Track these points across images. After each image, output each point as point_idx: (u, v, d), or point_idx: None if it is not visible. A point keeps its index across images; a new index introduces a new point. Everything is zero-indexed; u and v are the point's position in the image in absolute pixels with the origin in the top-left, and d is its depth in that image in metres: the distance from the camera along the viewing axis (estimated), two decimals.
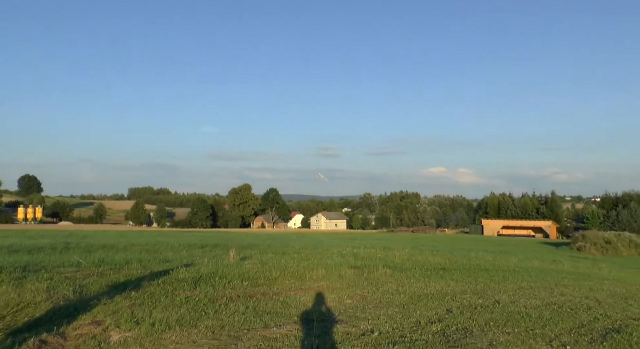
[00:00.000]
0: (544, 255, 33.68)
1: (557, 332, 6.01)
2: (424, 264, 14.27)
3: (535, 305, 7.98)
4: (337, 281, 9.79)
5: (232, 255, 13.06)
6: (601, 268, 26.10)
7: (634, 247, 47.35)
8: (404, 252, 19.34)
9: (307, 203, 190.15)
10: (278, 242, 26.01)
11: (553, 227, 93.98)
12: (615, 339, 5.76)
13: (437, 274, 11.77)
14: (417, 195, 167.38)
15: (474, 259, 19.29)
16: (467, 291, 9.15)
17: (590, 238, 48.28)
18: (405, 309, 7.02)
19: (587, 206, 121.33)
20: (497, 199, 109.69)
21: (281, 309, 6.75)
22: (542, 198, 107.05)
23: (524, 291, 9.82)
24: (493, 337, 5.52)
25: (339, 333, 5.41)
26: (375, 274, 10.97)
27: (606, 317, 7.37)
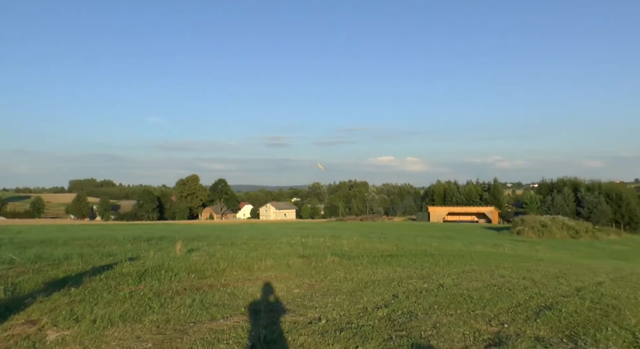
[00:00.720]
0: (487, 239, 35.18)
1: (496, 312, 6.31)
2: (371, 252, 14.55)
3: (477, 287, 8.33)
4: (286, 270, 9.82)
5: (179, 247, 12.82)
6: (538, 249, 27.60)
7: (566, 229, 50.27)
8: (352, 240, 19.64)
9: (256, 194, 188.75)
10: (226, 234, 25.73)
11: (495, 213, 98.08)
12: (547, 316, 6.12)
13: (384, 261, 12.04)
14: (366, 184, 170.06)
15: (421, 245, 19.86)
16: (413, 276, 9.42)
17: (528, 222, 50.84)
18: (352, 296, 7.15)
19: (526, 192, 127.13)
20: (443, 187, 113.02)
21: (229, 300, 6.70)
22: (485, 185, 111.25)
23: (467, 274, 10.22)
24: (437, 319, 5.72)
25: (286, 323, 5.44)
26: (323, 262, 11.08)
27: (540, 296, 7.80)
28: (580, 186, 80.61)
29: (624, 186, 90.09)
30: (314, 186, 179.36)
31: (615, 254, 34.61)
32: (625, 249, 41.91)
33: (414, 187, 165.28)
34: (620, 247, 44.05)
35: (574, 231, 50.99)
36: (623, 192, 78.15)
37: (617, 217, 72.72)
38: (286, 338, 4.82)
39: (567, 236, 49.34)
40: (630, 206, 74.49)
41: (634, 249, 44.42)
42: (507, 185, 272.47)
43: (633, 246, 48.65)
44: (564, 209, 73.54)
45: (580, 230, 51.65)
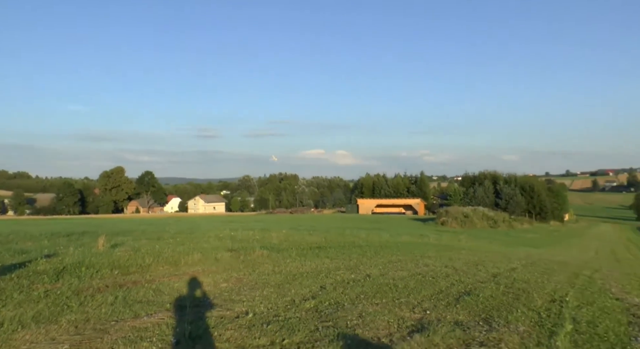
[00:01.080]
0: (413, 230, 36.50)
1: (420, 299, 6.59)
2: (300, 244, 14.66)
3: (403, 276, 8.65)
4: (214, 264, 9.68)
5: (102, 242, 12.23)
6: (460, 239, 29.02)
7: (486, 220, 53.28)
8: (282, 233, 19.68)
9: (184, 186, 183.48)
10: (153, 228, 24.89)
11: (421, 205, 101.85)
12: (466, 301, 6.48)
13: (312, 253, 12.17)
14: (296, 177, 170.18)
15: (349, 236, 20.26)
16: (340, 268, 9.60)
17: (452, 213, 53.32)
18: (280, 289, 7.18)
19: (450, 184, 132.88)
20: (372, 180, 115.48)
21: (153, 297, 6.50)
22: (412, 178, 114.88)
23: (393, 264, 10.58)
24: (363, 309, 5.88)
25: (212, 317, 5.37)
26: (252, 256, 11.03)
27: (460, 282, 8.23)
28: (499, 179, 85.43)
29: (536, 179, 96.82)
30: (244, 178, 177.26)
31: (527, 242, 37.15)
32: (536, 237, 45.10)
33: (344, 180, 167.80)
34: (532, 235, 47.33)
35: (492, 221, 54.14)
36: (535, 184, 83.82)
37: (530, 208, 77.92)
38: (212, 333, 4.75)
39: (487, 225, 52.31)
40: (541, 198, 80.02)
41: (543, 237, 47.90)
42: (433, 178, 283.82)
43: (542, 234, 52.45)
44: (484, 201, 77.64)
45: (498, 220, 54.95)
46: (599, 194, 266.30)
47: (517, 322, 5.50)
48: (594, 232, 70.42)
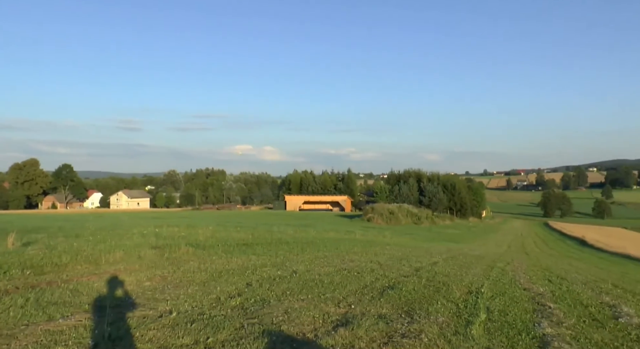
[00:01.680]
0: (340, 227, 37.11)
1: (345, 294, 6.73)
2: (227, 241, 14.48)
3: (329, 272, 8.78)
4: (137, 262, 9.33)
5: (11, 241, 11.38)
6: (385, 235, 29.90)
7: (410, 216, 55.26)
8: (208, 229, 19.31)
9: (106, 181, 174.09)
10: (71, 224, 23.50)
11: (348, 202, 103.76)
12: (390, 295, 6.71)
13: (239, 250, 12.07)
14: (223, 172, 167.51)
15: (276, 233, 20.26)
16: (267, 264, 9.59)
17: (377, 210, 54.75)
18: (206, 286, 7.05)
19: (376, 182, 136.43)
20: (300, 177, 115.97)
21: (70, 298, 6.15)
22: (339, 175, 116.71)
23: (320, 260, 10.72)
24: (288, 305, 5.91)
25: (134, 318, 5.18)
26: (177, 253, 10.75)
27: (385, 277, 8.50)
28: (423, 177, 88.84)
29: (457, 178, 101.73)
30: (170, 173, 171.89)
31: (448, 237, 38.97)
32: (456, 233, 47.44)
33: (272, 176, 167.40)
34: (452, 231, 49.71)
35: (416, 217, 56.25)
36: (456, 183, 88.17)
37: (451, 205, 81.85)
38: (134, 334, 4.59)
39: (411, 222, 54.26)
40: (461, 195, 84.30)
41: (463, 232, 50.49)
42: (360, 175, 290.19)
43: (462, 229, 55.26)
44: (409, 198, 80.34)
45: (422, 217, 57.19)
46: (512, 193, 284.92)
47: (437, 313, 5.78)
48: (507, 227, 75.25)
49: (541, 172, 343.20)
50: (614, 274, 15.85)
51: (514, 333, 5.18)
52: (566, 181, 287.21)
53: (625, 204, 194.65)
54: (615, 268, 21.43)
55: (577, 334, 5.42)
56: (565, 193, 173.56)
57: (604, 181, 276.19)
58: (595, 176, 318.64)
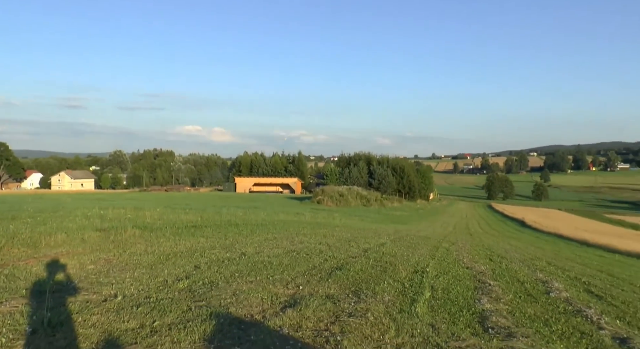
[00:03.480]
0: (289, 209, 37.18)
1: (294, 275, 6.78)
2: (175, 223, 14.21)
3: (278, 254, 8.81)
4: (80, 245, 9.01)
5: None
6: (334, 217, 30.23)
7: (359, 198, 56.10)
8: (156, 211, 18.89)
9: (47, 160, 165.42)
10: (6, 206, 22.31)
11: (298, 184, 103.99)
12: (337, 275, 6.82)
13: (188, 232, 11.88)
14: (172, 153, 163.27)
15: (226, 215, 20.07)
16: (216, 247, 9.50)
17: (327, 192, 55.19)
18: (153, 269, 6.92)
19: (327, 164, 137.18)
20: (250, 158, 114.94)
21: (5, 283, 5.86)
22: (290, 157, 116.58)
23: (269, 242, 10.73)
24: (237, 287, 5.90)
25: (77, 302, 5.01)
26: (123, 235, 10.46)
27: (333, 258, 8.63)
28: (373, 160, 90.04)
29: (406, 161, 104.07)
30: (116, 153, 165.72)
31: (396, 219, 39.90)
32: (404, 215, 48.63)
33: (222, 158, 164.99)
34: (400, 213, 50.91)
35: (365, 199, 57.15)
36: (405, 166, 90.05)
37: (400, 188, 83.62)
38: (75, 319, 4.44)
39: (360, 204, 55.10)
40: (410, 178, 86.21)
41: (411, 214, 51.82)
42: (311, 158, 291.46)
43: (410, 211, 56.70)
44: (359, 181, 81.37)
45: (371, 199, 58.16)
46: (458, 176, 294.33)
47: (384, 293, 5.94)
48: (453, 209, 77.82)
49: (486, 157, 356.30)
50: (548, 253, 16.78)
51: (455, 310, 5.41)
52: (509, 165, 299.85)
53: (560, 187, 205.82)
54: (549, 246, 22.67)
55: (513, 308, 5.75)
56: (507, 177, 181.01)
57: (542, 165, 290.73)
58: (535, 160, 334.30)
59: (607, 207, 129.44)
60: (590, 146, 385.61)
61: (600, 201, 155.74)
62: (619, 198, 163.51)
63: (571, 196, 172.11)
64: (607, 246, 26.37)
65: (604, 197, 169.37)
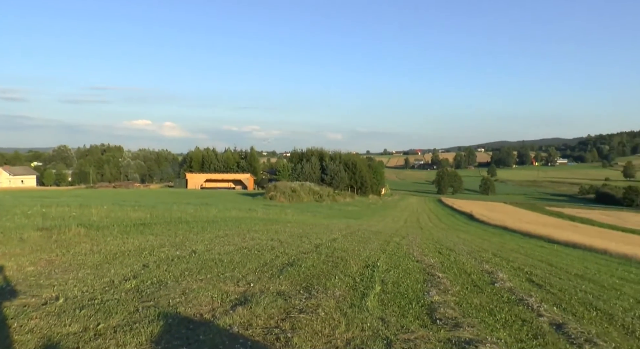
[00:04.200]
0: (242, 205, 36.83)
1: (245, 273, 6.72)
2: (123, 221, 13.79)
3: (229, 251, 8.71)
4: (18, 246, 8.56)
5: None
6: (287, 213, 30.21)
7: (312, 194, 56.27)
8: (103, 209, 18.27)
9: None
10: None
11: (251, 180, 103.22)
12: (289, 272, 6.82)
13: (136, 230, 11.55)
14: (121, 148, 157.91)
15: (176, 212, 19.66)
16: (165, 244, 9.28)
17: (280, 188, 55.02)
18: (98, 269, 6.67)
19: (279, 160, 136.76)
20: (202, 154, 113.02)
21: None
22: (242, 153, 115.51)
23: (220, 239, 10.58)
24: (186, 285, 5.79)
25: (13, 306, 4.77)
26: (67, 235, 10.03)
27: (285, 254, 8.61)
28: (325, 156, 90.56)
29: (358, 157, 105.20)
30: (60, 149, 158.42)
31: (348, 214, 40.28)
32: (356, 210, 49.18)
33: (172, 153, 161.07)
34: (352, 208, 51.45)
35: (318, 195, 57.37)
36: (357, 161, 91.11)
37: (352, 183, 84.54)
38: (11, 325, 4.22)
39: (313, 200, 55.25)
40: (362, 173, 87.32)
41: (363, 209, 52.48)
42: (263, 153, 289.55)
43: (362, 206, 57.42)
44: (312, 176, 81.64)
45: (324, 194, 58.43)
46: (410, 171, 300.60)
47: (335, 288, 5.98)
48: (405, 204, 79.45)
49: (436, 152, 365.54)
50: (493, 245, 17.43)
51: (405, 302, 5.53)
52: (458, 160, 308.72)
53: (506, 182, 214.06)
54: (495, 238, 23.55)
55: (460, 300, 5.94)
56: (457, 172, 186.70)
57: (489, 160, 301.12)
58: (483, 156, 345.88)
59: (548, 200, 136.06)
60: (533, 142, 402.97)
61: (541, 194, 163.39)
62: (558, 191, 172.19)
63: (516, 190, 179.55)
64: (548, 236, 27.75)
65: (545, 190, 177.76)
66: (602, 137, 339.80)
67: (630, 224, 58.12)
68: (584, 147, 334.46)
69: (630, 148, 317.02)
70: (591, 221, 62.61)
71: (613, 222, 60.45)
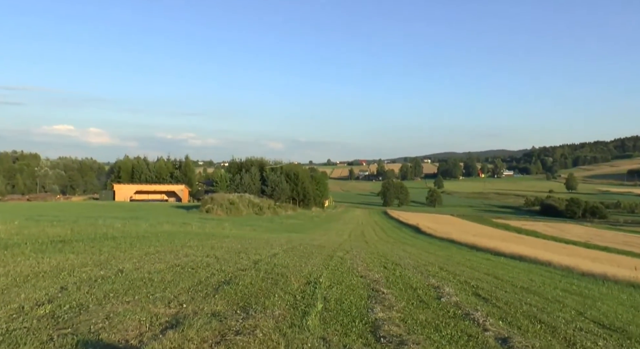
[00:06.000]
0: (175, 218, 35.98)
1: (177, 293, 6.53)
2: (39, 237, 13.08)
3: (160, 269, 8.44)
4: None
5: None
6: (224, 227, 29.81)
7: (252, 206, 55.90)
8: (14, 225, 17.28)
9: None
10: None
11: (186, 191, 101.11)
12: (225, 290, 6.70)
13: (54, 248, 10.99)
14: (37, 156, 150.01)
15: (102, 227, 18.93)
16: (88, 264, 8.87)
17: (217, 200, 54.23)
18: (5, 294, 6.24)
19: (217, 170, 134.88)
20: (132, 163, 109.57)
21: None
22: (176, 162, 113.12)
23: (151, 257, 10.25)
24: (111, 309, 5.54)
25: None
26: None
27: (221, 271, 8.46)
28: (266, 166, 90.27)
29: (300, 167, 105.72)
30: None
31: (290, 227, 40.27)
32: (299, 223, 49.25)
33: (98, 162, 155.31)
34: (294, 221, 51.49)
35: (258, 208, 57.04)
36: (299, 172, 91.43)
37: (294, 195, 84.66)
38: None
39: (253, 212, 54.85)
40: (304, 185, 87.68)
41: (305, 222, 52.62)
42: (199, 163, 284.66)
43: (304, 219, 57.58)
44: (251, 188, 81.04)
45: (264, 207, 58.18)
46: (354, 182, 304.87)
47: (274, 307, 5.93)
48: (349, 216, 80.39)
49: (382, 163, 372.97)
50: (440, 258, 17.93)
51: (348, 320, 5.56)
52: (404, 171, 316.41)
53: (452, 193, 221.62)
54: (442, 252, 24.24)
55: (406, 316, 6.05)
56: (402, 183, 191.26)
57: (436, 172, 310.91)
58: (429, 167, 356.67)
59: (494, 212, 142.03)
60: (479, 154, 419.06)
61: (488, 206, 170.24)
62: (505, 203, 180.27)
63: (462, 202, 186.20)
64: (494, 249, 28.84)
65: (492, 202, 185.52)
66: (546, 149, 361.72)
67: (571, 236, 61.93)
68: (529, 159, 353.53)
69: (572, 160, 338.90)
70: (536, 233, 66.02)
71: (556, 234, 64.01)
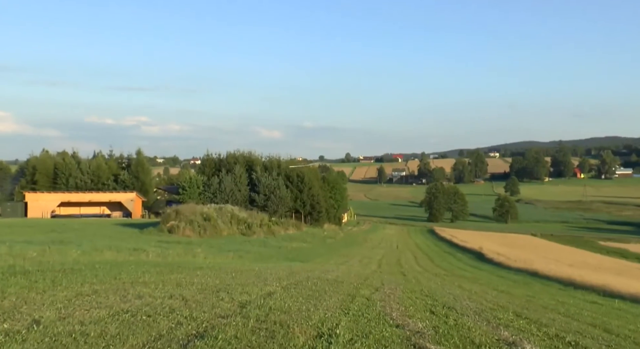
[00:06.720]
0: (122, 242, 36.18)
1: None
2: None
3: (99, 318, 8.45)
4: None
5: None
6: (196, 253, 29.92)
7: (235, 223, 56.02)
8: None
9: None
10: None
11: (138, 202, 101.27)
12: (198, 347, 6.68)
13: None
14: None
15: (6, 256, 19.11)
16: None
17: (185, 215, 54.37)
18: None
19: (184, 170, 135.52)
20: (53, 161, 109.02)
21: None
22: (123, 160, 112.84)
23: (85, 299, 10.28)
24: None
25: None
26: None
27: (192, 319, 8.46)
28: (256, 164, 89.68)
29: (307, 166, 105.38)
30: None
31: (292, 253, 40.37)
32: (305, 247, 49.35)
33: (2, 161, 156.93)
34: (299, 244, 51.57)
35: (246, 225, 57.10)
36: (306, 173, 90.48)
37: (298, 206, 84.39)
38: None
39: (237, 232, 54.97)
40: (313, 191, 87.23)
41: (315, 246, 52.72)
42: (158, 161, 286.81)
43: (314, 242, 57.67)
44: (235, 196, 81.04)
45: (254, 224, 58.23)
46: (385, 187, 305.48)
47: None
48: (378, 237, 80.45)
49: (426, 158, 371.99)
50: (516, 299, 17.82)
51: None
52: (459, 170, 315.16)
53: (534, 203, 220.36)
54: (519, 290, 24.10)
55: None
56: (457, 188, 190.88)
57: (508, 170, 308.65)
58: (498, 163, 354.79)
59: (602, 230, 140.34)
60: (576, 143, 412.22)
61: (591, 221, 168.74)
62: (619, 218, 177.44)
63: (550, 216, 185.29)
64: (603, 287, 28.23)
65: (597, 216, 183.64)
66: None
67: None
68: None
69: None
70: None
71: None
